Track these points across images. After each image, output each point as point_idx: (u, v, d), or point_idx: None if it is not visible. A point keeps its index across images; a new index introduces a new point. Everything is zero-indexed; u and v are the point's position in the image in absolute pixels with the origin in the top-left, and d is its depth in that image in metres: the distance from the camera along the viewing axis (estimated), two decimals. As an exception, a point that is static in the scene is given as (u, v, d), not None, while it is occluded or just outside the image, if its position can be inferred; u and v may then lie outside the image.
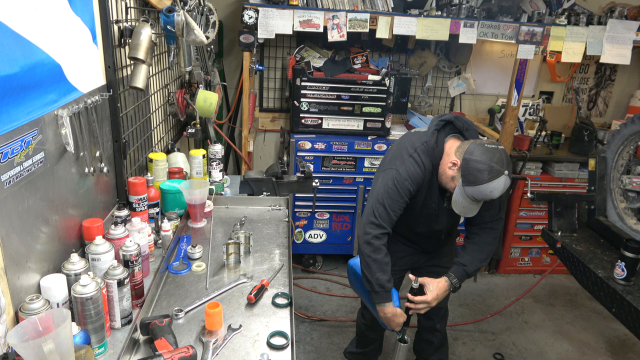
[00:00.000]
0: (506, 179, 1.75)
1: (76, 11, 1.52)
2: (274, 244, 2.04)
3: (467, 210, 1.87)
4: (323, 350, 3.01)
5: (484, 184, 1.74)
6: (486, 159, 1.74)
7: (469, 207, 1.86)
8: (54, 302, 1.28)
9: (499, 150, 1.77)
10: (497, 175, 1.73)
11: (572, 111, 4.26)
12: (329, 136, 3.52)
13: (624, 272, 2.14)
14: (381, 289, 1.92)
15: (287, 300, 1.65)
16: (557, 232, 2.61)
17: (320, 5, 3.14)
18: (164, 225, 1.90)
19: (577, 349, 3.20)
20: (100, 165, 1.69)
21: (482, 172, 1.74)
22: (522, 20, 3.31)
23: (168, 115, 2.75)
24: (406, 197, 1.90)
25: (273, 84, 4.00)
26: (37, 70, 1.31)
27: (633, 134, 2.51)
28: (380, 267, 1.90)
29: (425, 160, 1.91)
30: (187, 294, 1.66)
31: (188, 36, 2.02)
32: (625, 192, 2.59)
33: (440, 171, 1.92)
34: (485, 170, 1.74)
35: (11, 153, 1.18)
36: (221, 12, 3.74)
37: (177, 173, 2.28)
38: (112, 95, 1.80)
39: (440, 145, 1.92)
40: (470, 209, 1.86)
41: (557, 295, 3.80)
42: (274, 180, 2.52)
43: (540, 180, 3.78)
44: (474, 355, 3.06)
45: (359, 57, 3.68)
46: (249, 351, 1.40)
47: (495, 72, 4.13)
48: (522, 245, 3.96)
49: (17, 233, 1.24)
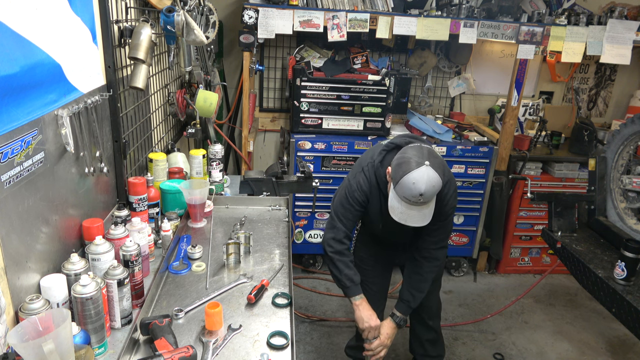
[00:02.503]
0: (428, 169, 1.72)
1: (76, 11, 1.52)
2: (274, 244, 2.04)
3: (407, 217, 1.81)
4: (323, 350, 3.01)
5: (405, 176, 1.73)
6: (407, 155, 1.79)
7: (407, 213, 1.80)
8: (54, 302, 1.28)
9: (422, 147, 1.82)
10: (418, 165, 1.73)
11: (572, 111, 4.26)
12: (329, 136, 3.52)
13: (624, 272, 2.14)
14: (351, 283, 2.05)
15: (287, 300, 1.65)
16: (557, 232, 2.61)
17: (320, 5, 3.14)
18: (164, 225, 1.90)
19: (577, 349, 3.20)
20: (100, 165, 1.69)
21: (402, 166, 1.76)
22: (522, 20, 3.31)
23: (168, 115, 2.75)
24: (357, 206, 2.02)
25: (273, 84, 4.00)
26: (37, 70, 1.31)
27: (633, 134, 2.51)
28: (346, 264, 2.04)
29: (371, 176, 2.00)
30: (187, 294, 1.66)
31: (188, 36, 2.02)
32: (625, 192, 2.59)
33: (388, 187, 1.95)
34: (404, 163, 1.76)
35: (11, 153, 1.18)
36: (221, 12, 3.74)
37: (177, 173, 2.28)
38: (112, 95, 1.80)
39: (386, 164, 1.94)
40: (410, 215, 1.80)
41: (557, 295, 3.80)
42: (274, 180, 2.52)
43: (540, 180, 3.78)
44: (474, 355, 3.06)
45: (359, 57, 3.68)
46: (249, 351, 1.40)
47: (495, 72, 4.13)
48: (522, 245, 3.96)
49: (17, 233, 1.24)
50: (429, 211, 1.82)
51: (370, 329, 2.07)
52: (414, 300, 2.10)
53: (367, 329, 2.07)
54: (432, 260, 2.08)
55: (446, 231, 2.08)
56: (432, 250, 2.07)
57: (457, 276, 3.93)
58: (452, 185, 1.97)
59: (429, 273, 2.09)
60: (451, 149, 3.53)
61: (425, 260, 2.08)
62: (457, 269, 3.93)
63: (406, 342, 2.62)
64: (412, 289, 2.10)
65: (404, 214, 1.81)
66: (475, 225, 3.77)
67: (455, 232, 3.78)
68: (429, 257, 2.08)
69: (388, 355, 2.96)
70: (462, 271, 3.94)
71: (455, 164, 3.57)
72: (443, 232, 2.06)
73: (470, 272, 3.97)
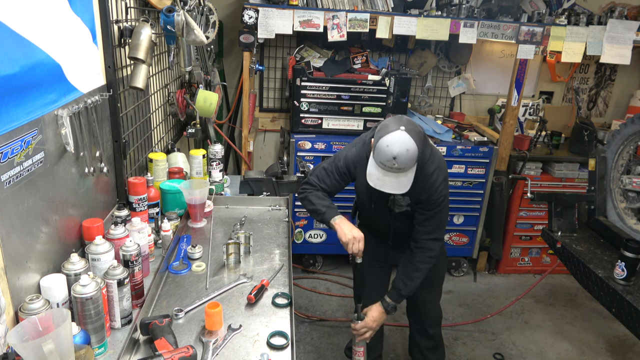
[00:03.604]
0: (402, 133, 1.73)
1: (76, 11, 1.52)
2: (274, 244, 2.04)
3: (382, 183, 1.81)
4: (323, 350, 3.01)
5: (380, 139, 1.76)
6: (386, 122, 1.82)
7: (383, 179, 1.80)
8: (54, 302, 1.28)
9: (401, 117, 1.84)
10: (393, 130, 1.75)
11: (572, 111, 4.26)
12: (329, 136, 3.52)
13: (624, 272, 2.14)
14: (327, 208, 2.03)
15: (287, 300, 1.65)
16: (557, 232, 2.61)
17: (320, 5, 3.14)
18: (164, 225, 1.90)
19: (577, 349, 3.20)
20: (100, 165, 1.69)
21: (380, 131, 1.79)
22: (522, 20, 3.31)
23: (168, 115, 2.75)
24: (336, 174, 2.06)
25: (273, 84, 4.00)
26: (37, 70, 1.31)
27: (633, 134, 2.51)
28: (318, 197, 2.06)
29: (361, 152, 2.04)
30: (187, 294, 1.66)
31: (188, 36, 2.02)
32: (625, 192, 2.59)
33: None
34: (382, 129, 1.79)
35: (11, 153, 1.18)
36: (221, 12, 3.73)
37: (177, 173, 2.28)
38: (112, 95, 1.80)
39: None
40: (385, 181, 1.80)
41: (557, 295, 3.80)
42: (274, 180, 2.52)
43: (540, 180, 3.78)
44: (474, 355, 3.06)
45: (359, 57, 3.68)
46: (249, 351, 1.40)
47: (495, 72, 4.13)
48: (522, 245, 3.96)
49: (17, 233, 1.24)
50: (407, 180, 1.80)
51: (354, 240, 1.97)
52: (405, 288, 2.07)
53: (351, 241, 1.96)
54: (425, 250, 2.05)
55: (438, 222, 2.03)
56: (424, 241, 2.04)
57: (457, 276, 3.93)
58: (441, 172, 1.96)
59: (421, 263, 2.06)
60: (451, 149, 3.53)
61: (418, 250, 2.06)
62: (457, 269, 3.93)
63: (406, 342, 2.62)
64: (405, 277, 2.07)
65: (379, 180, 1.81)
66: (475, 225, 3.77)
67: (455, 232, 3.78)
68: (421, 247, 2.05)
69: (388, 355, 2.97)
70: (462, 271, 3.94)
71: (455, 164, 3.57)
72: (434, 222, 2.02)
73: (470, 272, 3.97)
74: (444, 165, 2.00)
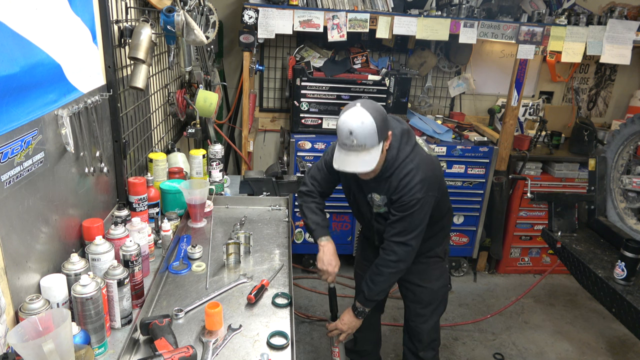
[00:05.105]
0: (358, 108, 1.74)
1: (76, 11, 1.52)
2: (274, 244, 2.04)
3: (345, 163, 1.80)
4: (323, 350, 3.01)
5: (338, 120, 1.79)
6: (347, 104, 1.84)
7: (345, 159, 1.80)
8: (54, 302, 1.28)
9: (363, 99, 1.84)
10: (350, 107, 1.77)
11: (572, 111, 4.26)
12: (329, 136, 3.52)
13: (624, 272, 2.14)
14: (316, 226, 2.08)
15: (287, 300, 1.65)
16: (557, 232, 2.61)
17: (320, 5, 3.14)
18: (164, 225, 1.90)
19: (577, 349, 3.20)
20: (100, 165, 1.69)
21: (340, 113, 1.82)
22: (522, 20, 3.31)
23: (168, 115, 2.75)
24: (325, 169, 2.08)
25: (273, 84, 4.00)
26: (37, 70, 1.31)
27: (633, 134, 2.51)
28: (311, 210, 2.10)
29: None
30: (187, 294, 1.66)
31: (188, 36, 2.02)
32: (625, 192, 2.59)
33: None
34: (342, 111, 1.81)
35: (11, 153, 1.18)
36: (221, 12, 3.73)
37: (177, 173, 2.28)
38: (112, 95, 1.80)
39: None
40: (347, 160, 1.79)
41: (557, 295, 3.80)
42: (274, 180, 2.52)
43: (540, 180, 3.78)
44: (474, 355, 3.06)
45: (359, 57, 3.68)
46: (249, 351, 1.40)
47: (495, 72, 4.13)
48: (522, 245, 3.96)
49: (17, 233, 1.24)
50: (371, 159, 1.76)
51: (327, 273, 2.03)
52: (369, 292, 2.00)
53: (325, 272, 2.03)
54: (389, 252, 1.94)
55: (408, 226, 1.90)
56: (389, 242, 1.94)
57: (457, 276, 3.93)
58: (418, 174, 1.85)
59: (384, 267, 1.96)
60: (451, 149, 3.53)
61: (383, 251, 1.97)
62: (457, 269, 3.93)
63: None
64: (369, 279, 2.01)
65: (343, 161, 1.81)
66: (475, 225, 3.77)
67: (455, 232, 3.78)
68: (385, 249, 1.97)
69: (388, 355, 2.97)
70: (462, 271, 3.94)
71: (455, 164, 3.57)
72: (405, 225, 1.90)
73: (470, 272, 3.97)
74: (426, 169, 1.88)
